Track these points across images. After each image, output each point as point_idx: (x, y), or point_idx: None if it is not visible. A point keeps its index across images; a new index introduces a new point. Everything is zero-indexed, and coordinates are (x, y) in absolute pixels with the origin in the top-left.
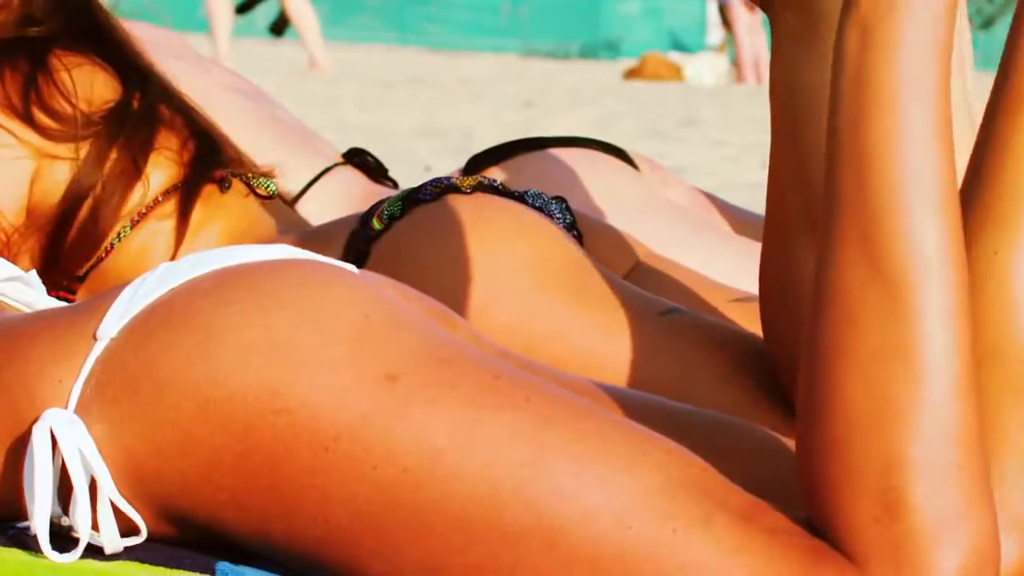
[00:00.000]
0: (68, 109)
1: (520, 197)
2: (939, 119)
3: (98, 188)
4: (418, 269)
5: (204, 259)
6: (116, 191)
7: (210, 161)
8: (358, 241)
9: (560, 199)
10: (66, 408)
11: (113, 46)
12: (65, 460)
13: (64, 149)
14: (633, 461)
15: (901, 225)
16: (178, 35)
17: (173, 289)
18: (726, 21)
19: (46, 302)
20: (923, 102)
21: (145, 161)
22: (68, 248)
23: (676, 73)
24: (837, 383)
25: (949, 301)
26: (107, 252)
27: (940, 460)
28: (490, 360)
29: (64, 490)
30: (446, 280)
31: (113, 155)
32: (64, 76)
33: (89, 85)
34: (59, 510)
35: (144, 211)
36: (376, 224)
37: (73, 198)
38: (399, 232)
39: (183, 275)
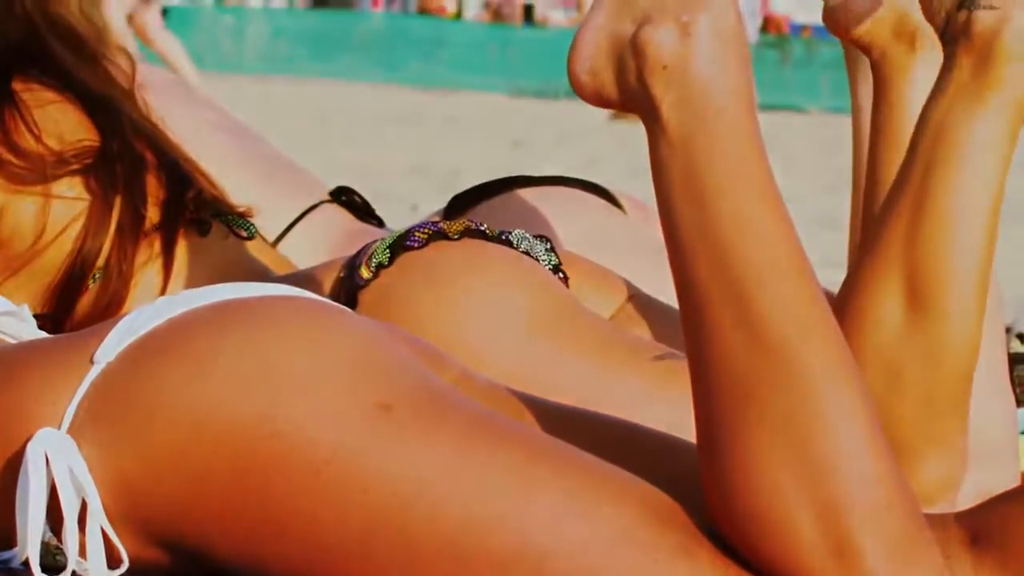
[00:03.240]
0: (35, 147)
1: (506, 240)
2: (772, 196)
3: (108, 247)
4: (408, 318)
5: (202, 294)
6: (128, 248)
7: (184, 198)
8: (345, 289)
9: (545, 239)
10: (59, 428)
11: (77, 77)
12: (55, 480)
13: (33, 187)
14: (618, 495)
15: (771, 297)
16: (164, 71)
17: (171, 319)
18: None
19: (37, 336)
20: (756, 187)
21: (145, 209)
22: (85, 306)
23: None
24: (750, 454)
25: (833, 352)
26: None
27: (871, 502)
28: (478, 404)
29: (55, 513)
30: (436, 328)
31: (116, 209)
32: (32, 112)
33: (58, 122)
34: (49, 533)
35: None
36: (364, 272)
37: (83, 259)
38: (387, 281)
39: (181, 307)
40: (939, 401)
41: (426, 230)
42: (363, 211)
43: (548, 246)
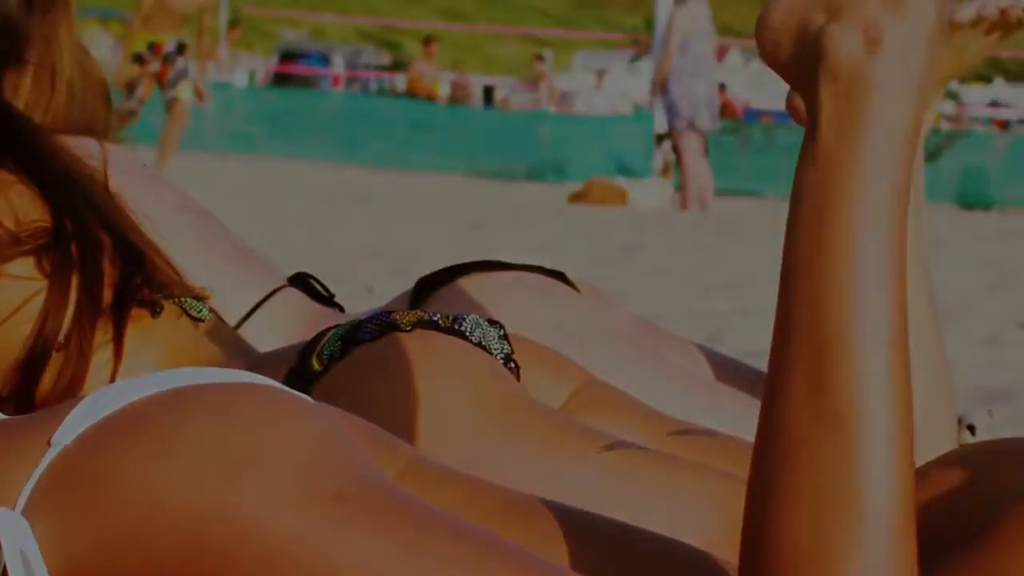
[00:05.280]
0: None
1: (459, 330)
2: (895, 258)
3: (68, 328)
4: (358, 410)
5: (164, 377)
6: (86, 328)
7: (135, 279)
8: (297, 380)
9: (499, 326)
10: (14, 509)
11: (35, 161)
12: (6, 563)
13: None
14: None
15: (849, 365)
16: (127, 150)
17: (132, 403)
18: (674, 147)
19: None
20: (880, 242)
21: (101, 290)
22: (43, 388)
23: (621, 197)
24: (781, 523)
25: (893, 440)
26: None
27: None
28: (429, 500)
29: None
30: (386, 422)
31: (74, 290)
32: None
33: (13, 203)
34: None
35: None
36: (315, 364)
37: (44, 339)
38: (339, 374)
39: (142, 391)
40: None
41: (378, 321)
42: (322, 297)
43: (501, 333)
